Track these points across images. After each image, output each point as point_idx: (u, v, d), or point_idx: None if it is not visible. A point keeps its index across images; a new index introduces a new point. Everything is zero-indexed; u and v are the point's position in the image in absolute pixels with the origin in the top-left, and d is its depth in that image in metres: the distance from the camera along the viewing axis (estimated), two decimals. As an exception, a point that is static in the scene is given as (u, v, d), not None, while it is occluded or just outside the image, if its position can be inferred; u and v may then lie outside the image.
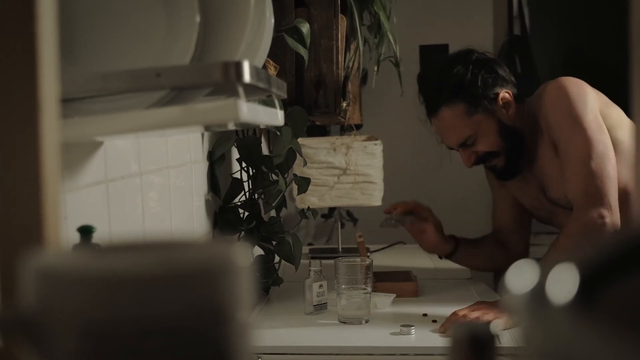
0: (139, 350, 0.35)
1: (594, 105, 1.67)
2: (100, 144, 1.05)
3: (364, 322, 1.56)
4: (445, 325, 1.47)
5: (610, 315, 0.25)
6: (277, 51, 1.79)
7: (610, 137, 1.65)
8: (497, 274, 3.09)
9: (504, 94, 1.73)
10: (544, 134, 1.73)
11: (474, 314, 1.50)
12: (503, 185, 1.94)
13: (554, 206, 1.82)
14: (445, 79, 1.73)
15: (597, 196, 1.59)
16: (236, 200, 1.70)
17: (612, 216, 1.59)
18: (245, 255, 0.39)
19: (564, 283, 0.25)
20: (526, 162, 1.80)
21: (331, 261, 1.66)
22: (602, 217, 1.58)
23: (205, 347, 0.37)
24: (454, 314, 1.51)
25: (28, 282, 0.38)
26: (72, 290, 0.36)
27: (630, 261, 0.26)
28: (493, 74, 1.74)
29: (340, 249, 2.41)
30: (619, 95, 1.70)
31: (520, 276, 0.27)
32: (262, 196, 1.73)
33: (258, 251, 1.76)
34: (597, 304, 0.25)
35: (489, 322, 1.50)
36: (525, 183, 1.86)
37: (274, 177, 1.73)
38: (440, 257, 1.96)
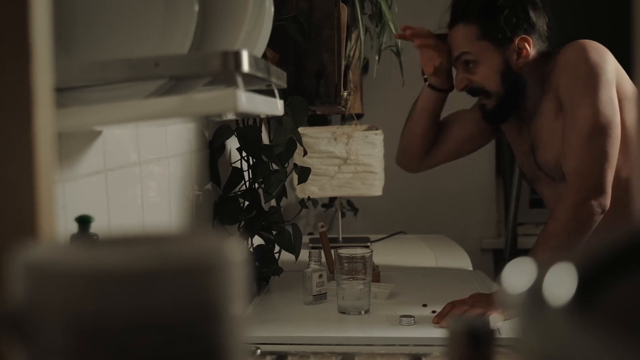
0: (129, 345, 0.35)
1: (611, 77, 1.57)
2: (99, 133, 1.05)
3: (363, 312, 1.56)
4: (440, 316, 1.47)
5: (609, 316, 0.24)
6: (278, 40, 1.78)
7: (621, 114, 1.56)
8: (498, 266, 3.09)
9: (522, 40, 1.66)
10: (550, 93, 1.65)
11: (474, 308, 1.47)
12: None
13: (538, 170, 1.76)
14: None
15: (591, 178, 1.54)
16: (236, 189, 1.70)
17: (603, 201, 1.53)
18: (239, 249, 0.39)
19: (561, 283, 0.25)
20: (525, 115, 1.73)
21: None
22: (592, 201, 1.52)
23: (197, 343, 0.36)
24: (449, 305, 1.50)
25: (17, 275, 0.38)
26: (61, 284, 0.36)
27: (630, 261, 0.26)
28: (523, 16, 1.66)
29: (341, 239, 2.41)
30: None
31: (517, 275, 0.26)
32: (262, 186, 1.73)
33: (258, 241, 1.75)
34: (595, 304, 0.24)
35: (488, 316, 1.49)
36: (520, 136, 1.80)
37: (274, 166, 1.73)
38: (426, 81, 1.89)
